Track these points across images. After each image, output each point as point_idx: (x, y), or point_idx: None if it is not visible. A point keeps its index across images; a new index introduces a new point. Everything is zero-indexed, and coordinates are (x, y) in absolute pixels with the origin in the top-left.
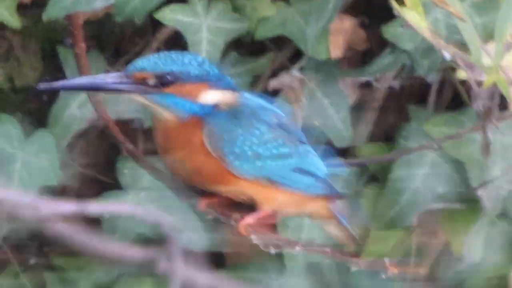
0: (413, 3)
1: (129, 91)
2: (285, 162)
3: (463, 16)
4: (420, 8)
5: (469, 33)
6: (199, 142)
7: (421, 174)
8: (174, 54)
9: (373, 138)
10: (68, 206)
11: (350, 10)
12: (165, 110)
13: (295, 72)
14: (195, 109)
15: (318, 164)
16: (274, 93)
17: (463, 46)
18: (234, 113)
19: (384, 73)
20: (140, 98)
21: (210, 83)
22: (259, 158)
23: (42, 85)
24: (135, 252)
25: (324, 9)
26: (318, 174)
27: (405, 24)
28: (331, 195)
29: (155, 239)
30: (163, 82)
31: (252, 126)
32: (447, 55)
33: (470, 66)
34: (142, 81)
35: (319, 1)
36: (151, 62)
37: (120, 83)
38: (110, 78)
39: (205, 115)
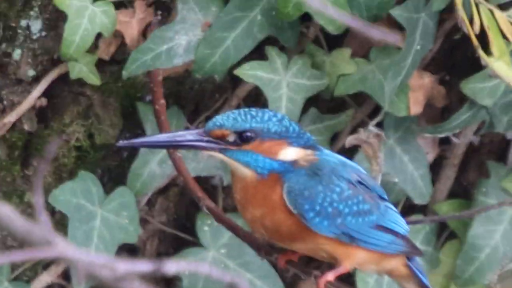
0: (500, 52)
1: (208, 148)
2: (366, 219)
3: None
4: (507, 58)
5: None
6: (278, 199)
7: (500, 231)
8: (254, 111)
9: (452, 194)
10: (145, 265)
11: (430, 66)
12: (244, 167)
13: (372, 127)
14: (275, 166)
15: (398, 220)
16: (351, 151)
17: None
18: (313, 170)
19: (463, 129)
20: (219, 155)
21: (289, 139)
22: (340, 215)
23: (122, 143)
24: None
25: (402, 64)
26: (398, 231)
27: (492, 74)
28: (411, 253)
29: None
30: (243, 139)
31: (332, 183)
32: None
33: None
34: (221, 138)
35: (398, 57)
36: (230, 119)
37: (200, 140)
38: (189, 135)
39: (284, 172)
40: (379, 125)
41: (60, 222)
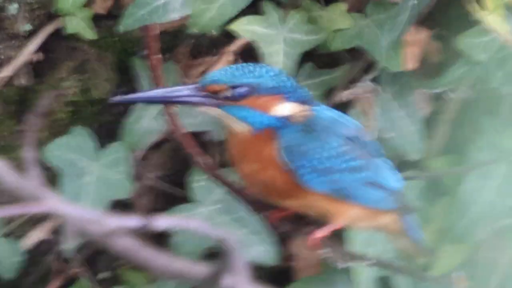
0: (495, 6)
1: (203, 104)
2: (357, 175)
3: None
4: (502, 11)
5: None
6: (271, 155)
7: (493, 187)
8: (250, 66)
9: (446, 150)
10: (134, 221)
11: (426, 21)
12: (239, 122)
13: (368, 82)
14: (270, 122)
15: (392, 177)
16: (347, 106)
17: None
18: (307, 126)
19: (458, 85)
20: (214, 111)
21: (285, 95)
22: (331, 172)
23: (115, 98)
24: (201, 269)
25: (399, 19)
26: (392, 187)
27: (485, 27)
28: (403, 209)
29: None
30: (239, 93)
31: (325, 139)
32: None
33: None
34: (217, 93)
35: (394, 11)
36: (227, 74)
37: (195, 95)
38: (184, 90)
39: (280, 127)
40: (375, 80)
41: (55, 178)
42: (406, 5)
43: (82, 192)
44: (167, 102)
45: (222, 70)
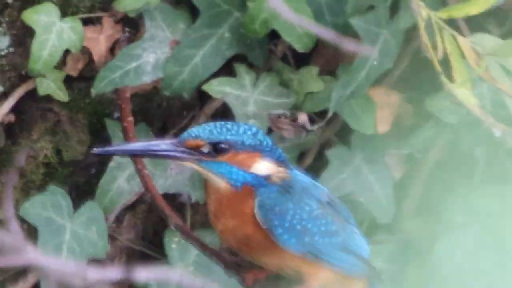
0: (463, 79)
1: (182, 158)
2: (332, 239)
3: None
4: (469, 85)
5: None
6: (250, 213)
7: (466, 249)
8: (229, 124)
9: (419, 211)
10: (115, 273)
11: (398, 84)
12: (218, 178)
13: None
14: (248, 179)
15: (363, 244)
16: (318, 169)
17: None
18: (285, 187)
19: (429, 147)
20: (193, 165)
21: (263, 153)
22: (308, 234)
23: (96, 150)
24: None
25: (355, 76)
26: (362, 254)
27: (454, 100)
28: (373, 277)
29: None
30: (218, 150)
31: (303, 201)
32: (497, 132)
33: None
34: (196, 149)
35: (351, 66)
36: (206, 131)
37: (174, 150)
38: (164, 144)
39: (257, 185)
40: (347, 143)
41: (30, 236)
42: (364, 63)
43: (59, 250)
44: (146, 155)
45: (201, 127)
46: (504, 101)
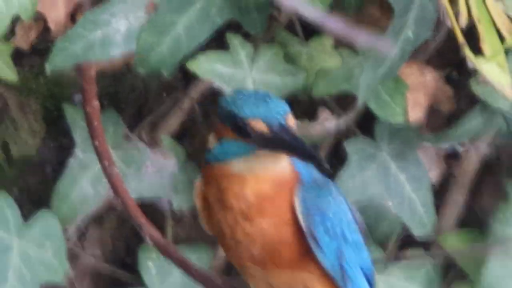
0: (492, 53)
1: None
2: (359, 254)
3: None
4: (501, 59)
5: None
6: (290, 209)
7: None
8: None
9: (462, 223)
10: None
11: (434, 60)
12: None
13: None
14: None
15: (371, 265)
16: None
17: None
18: (317, 182)
19: (474, 140)
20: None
21: None
22: (344, 240)
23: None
24: None
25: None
26: (370, 279)
27: (481, 79)
28: None
29: None
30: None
31: (337, 198)
32: None
33: None
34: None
35: None
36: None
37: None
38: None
39: (302, 173)
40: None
41: None
42: (396, 35)
43: (4, 275)
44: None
45: (262, 97)
46: None
